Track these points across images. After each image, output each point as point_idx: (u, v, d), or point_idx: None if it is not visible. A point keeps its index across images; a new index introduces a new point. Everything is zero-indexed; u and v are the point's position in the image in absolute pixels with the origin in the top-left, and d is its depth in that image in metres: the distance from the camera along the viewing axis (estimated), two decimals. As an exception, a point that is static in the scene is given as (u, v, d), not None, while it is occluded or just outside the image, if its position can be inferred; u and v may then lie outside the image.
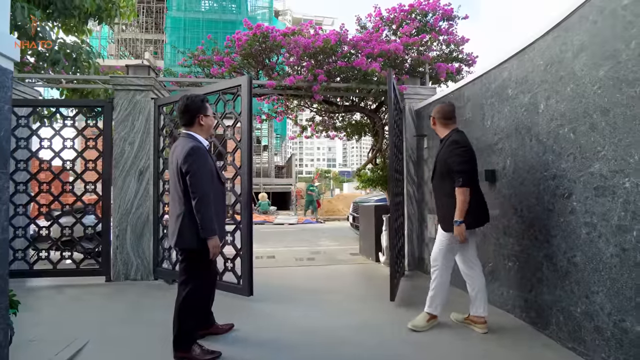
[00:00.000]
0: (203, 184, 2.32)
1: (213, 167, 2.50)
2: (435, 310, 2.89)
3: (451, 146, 2.72)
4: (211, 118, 2.58)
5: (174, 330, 2.36)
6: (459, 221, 2.65)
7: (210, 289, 2.71)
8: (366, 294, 3.90)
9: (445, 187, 2.77)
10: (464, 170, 2.64)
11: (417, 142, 4.90)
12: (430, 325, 2.89)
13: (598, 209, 2.28)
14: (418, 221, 4.84)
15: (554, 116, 2.64)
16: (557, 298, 2.60)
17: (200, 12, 20.52)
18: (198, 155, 2.36)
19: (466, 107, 3.78)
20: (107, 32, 19.18)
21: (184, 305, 2.37)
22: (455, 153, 2.68)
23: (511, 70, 3.10)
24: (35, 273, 4.34)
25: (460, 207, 2.63)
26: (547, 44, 2.70)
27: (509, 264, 3.12)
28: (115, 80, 4.40)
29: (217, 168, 2.59)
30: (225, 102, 3.91)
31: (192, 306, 2.40)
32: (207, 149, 2.57)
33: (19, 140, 4.32)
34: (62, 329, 2.86)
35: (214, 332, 2.74)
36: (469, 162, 2.71)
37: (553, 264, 2.65)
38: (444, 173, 2.77)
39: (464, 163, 2.67)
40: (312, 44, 4.76)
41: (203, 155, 2.40)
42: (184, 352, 2.34)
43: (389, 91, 3.61)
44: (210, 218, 2.32)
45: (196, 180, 2.31)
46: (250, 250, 3.58)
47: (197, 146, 2.40)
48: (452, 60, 5.55)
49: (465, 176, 2.63)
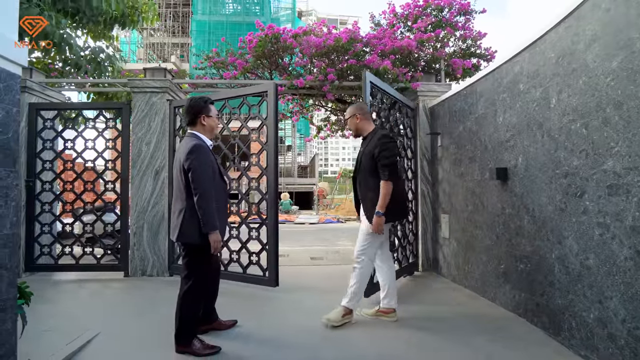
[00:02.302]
0: (204, 181, 2.38)
1: (215, 165, 2.55)
2: (355, 305, 2.90)
3: (383, 139, 2.78)
4: (213, 119, 2.63)
5: (175, 325, 2.42)
6: (380, 212, 2.70)
7: (212, 284, 2.75)
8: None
9: (370, 181, 2.80)
10: (391, 164, 2.73)
11: (431, 141, 4.79)
12: (345, 320, 2.86)
13: (611, 208, 2.14)
14: (432, 221, 4.73)
15: (566, 111, 2.50)
16: (569, 303, 2.47)
17: (225, 15, 20.96)
18: (199, 153, 2.42)
19: (478, 104, 3.66)
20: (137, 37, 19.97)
21: (184, 300, 2.43)
22: (387, 147, 2.74)
23: (523, 64, 2.97)
24: (59, 267, 4.58)
25: (382, 199, 2.69)
26: (558, 35, 2.57)
27: (521, 266, 3.00)
28: (133, 83, 4.57)
29: (220, 166, 2.65)
30: (250, 106, 4.12)
31: (193, 300, 2.45)
32: (211, 148, 2.63)
33: (45, 141, 4.57)
34: (77, 321, 3.00)
35: (216, 327, 2.78)
36: (396, 156, 2.83)
37: (565, 267, 2.51)
38: (370, 168, 2.79)
39: (392, 157, 2.76)
40: (323, 43, 4.75)
41: (205, 153, 2.46)
42: (184, 347, 2.39)
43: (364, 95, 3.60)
44: (211, 213, 2.37)
45: (197, 177, 2.37)
46: (276, 244, 3.85)
47: (199, 144, 2.46)
48: (470, 55, 5.40)
49: (392, 169, 2.73)
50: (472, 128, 3.79)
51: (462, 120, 3.99)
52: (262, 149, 4.11)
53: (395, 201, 2.80)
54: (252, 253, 4.08)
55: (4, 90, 1.90)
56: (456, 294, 3.76)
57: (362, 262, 2.88)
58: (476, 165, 3.70)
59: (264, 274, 3.96)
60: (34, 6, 5.77)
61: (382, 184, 2.71)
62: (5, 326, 1.88)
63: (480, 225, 3.61)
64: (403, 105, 4.57)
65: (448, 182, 4.35)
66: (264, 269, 3.96)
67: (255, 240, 4.06)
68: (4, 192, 1.88)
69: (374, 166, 2.77)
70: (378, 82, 3.91)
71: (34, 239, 4.52)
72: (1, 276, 1.85)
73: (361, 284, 2.90)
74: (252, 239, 4.08)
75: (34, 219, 4.52)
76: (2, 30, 1.86)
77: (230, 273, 4.17)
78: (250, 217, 4.25)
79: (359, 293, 2.91)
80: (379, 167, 2.72)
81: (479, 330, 2.80)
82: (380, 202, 2.70)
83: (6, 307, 1.88)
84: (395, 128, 4.40)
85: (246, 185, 4.47)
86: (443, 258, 4.46)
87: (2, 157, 1.89)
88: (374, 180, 2.77)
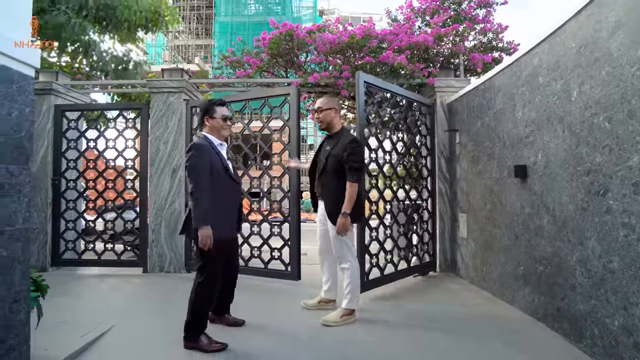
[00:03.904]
0: (197, 177, 2.41)
1: (219, 164, 2.56)
2: (356, 305, 2.91)
3: (353, 144, 2.83)
4: (217, 120, 2.64)
5: (187, 317, 2.46)
6: (347, 213, 2.75)
7: (226, 283, 2.74)
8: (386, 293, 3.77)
9: (335, 183, 2.85)
10: (360, 168, 2.82)
11: (449, 138, 4.65)
12: (346, 321, 2.85)
13: (637, 207, 1.99)
14: (450, 220, 4.59)
15: (588, 104, 2.35)
16: (592, 308, 2.32)
17: (247, 15, 21.19)
18: (196, 151, 2.46)
19: (497, 99, 3.51)
20: (162, 40, 20.56)
21: (196, 292, 2.46)
22: (356, 152, 2.81)
23: (542, 56, 2.82)
24: (83, 262, 4.76)
25: (349, 200, 2.75)
26: (579, 23, 2.42)
27: (540, 268, 2.85)
28: (151, 83, 4.68)
29: (227, 165, 2.64)
30: (272, 108, 4.30)
31: (203, 294, 2.46)
32: (220, 147, 2.64)
33: (70, 141, 4.75)
34: (94, 314, 3.09)
35: (224, 322, 2.82)
36: (364, 161, 2.96)
37: (587, 270, 2.36)
38: (336, 169, 2.83)
39: (361, 161, 2.87)
40: (338, 40, 4.70)
41: (203, 151, 2.49)
42: (192, 342, 2.41)
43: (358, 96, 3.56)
44: (203, 209, 2.38)
45: (191, 173, 2.42)
46: (298, 240, 4.01)
47: (199, 143, 2.51)
48: (491, 49, 5.20)
49: (360, 173, 2.83)
50: (490, 124, 3.64)
51: (480, 116, 3.84)
52: (284, 149, 4.26)
53: (359, 204, 2.90)
54: (274, 249, 4.23)
55: (17, 92, 1.97)
56: (473, 295, 3.63)
57: (348, 264, 2.90)
58: (494, 162, 3.56)
59: (285, 268, 4.10)
60: (62, 13, 6.04)
61: (349, 185, 2.77)
62: (19, 317, 1.96)
63: (499, 225, 3.47)
64: (415, 102, 4.48)
65: (466, 180, 4.21)
66: (286, 264, 4.10)
67: (277, 236, 4.23)
68: (17, 189, 1.95)
69: (340, 168, 2.82)
70: (376, 81, 3.92)
71: (60, 235, 4.71)
72: (14, 269, 1.92)
73: (355, 282, 2.92)
74: (274, 235, 4.25)
75: (59, 216, 4.71)
76: (14, 33, 1.93)
77: (252, 268, 4.32)
78: (272, 215, 4.46)
79: (356, 291, 2.93)
80: (348, 170, 2.78)
81: (494, 333, 2.68)
82: (346, 203, 2.76)
83: (19, 298, 1.95)
84: (403, 126, 4.31)
85: (268, 183, 4.58)
86: (461, 259, 4.32)
87: (16, 155, 1.96)
88: (339, 182, 2.82)
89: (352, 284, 2.89)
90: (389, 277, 3.90)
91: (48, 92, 4.74)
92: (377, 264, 3.79)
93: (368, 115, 3.96)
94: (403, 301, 3.48)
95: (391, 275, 3.93)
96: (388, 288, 3.82)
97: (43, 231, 4.65)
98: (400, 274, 4.08)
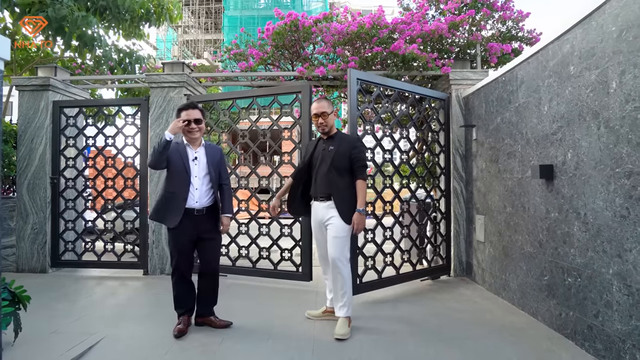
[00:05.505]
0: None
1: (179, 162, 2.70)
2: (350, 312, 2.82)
3: (357, 142, 2.94)
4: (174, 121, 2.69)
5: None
6: (363, 209, 2.75)
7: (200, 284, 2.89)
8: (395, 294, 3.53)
9: (344, 181, 2.83)
10: (367, 165, 2.93)
11: (465, 134, 4.35)
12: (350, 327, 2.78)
13: (692, 218, 1.70)
14: (466, 222, 4.31)
15: (630, 96, 2.05)
16: (632, 329, 2.04)
17: (256, 9, 20.95)
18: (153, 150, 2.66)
19: (519, 91, 3.20)
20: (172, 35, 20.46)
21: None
22: (362, 150, 2.90)
23: (574, 43, 2.51)
24: (83, 264, 4.62)
25: (363, 197, 2.78)
26: (621, 3, 2.11)
27: (569, 280, 2.56)
28: (150, 78, 4.48)
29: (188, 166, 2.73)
30: (281, 105, 4.12)
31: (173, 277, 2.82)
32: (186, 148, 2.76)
33: (68, 138, 4.60)
34: (88, 322, 2.93)
35: (208, 323, 2.85)
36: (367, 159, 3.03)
37: (627, 286, 2.08)
38: (344, 167, 2.83)
39: (367, 159, 3.02)
40: (346, 30, 4.42)
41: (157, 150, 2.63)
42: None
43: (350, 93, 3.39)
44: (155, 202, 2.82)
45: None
46: (310, 240, 3.88)
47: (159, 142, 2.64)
48: (510, 39, 4.84)
49: (366, 170, 2.89)
50: (511, 119, 3.34)
51: (500, 110, 3.54)
52: (296, 148, 4.14)
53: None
54: (284, 249, 4.11)
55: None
56: (488, 303, 3.36)
57: (343, 264, 2.79)
58: (516, 161, 3.26)
59: (297, 269, 4.01)
60: (65, 7, 5.88)
61: (360, 183, 2.80)
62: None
63: (520, 230, 3.18)
64: (422, 96, 4.22)
65: (483, 179, 3.91)
66: (297, 265, 4.01)
67: (287, 237, 4.11)
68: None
69: (349, 166, 2.83)
70: (371, 77, 3.74)
71: (59, 235, 4.58)
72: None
73: (349, 287, 2.84)
74: (284, 235, 4.13)
75: (58, 216, 4.58)
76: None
77: (260, 270, 4.18)
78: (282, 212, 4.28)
79: (351, 296, 2.85)
80: (358, 167, 2.81)
81: (523, 350, 2.41)
82: (361, 200, 2.77)
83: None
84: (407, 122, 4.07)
85: (277, 182, 4.42)
86: (477, 263, 4.04)
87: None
88: (348, 180, 2.82)
89: (349, 292, 2.83)
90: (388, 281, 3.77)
91: (46, 88, 4.59)
92: (373, 267, 3.69)
93: (362, 113, 3.75)
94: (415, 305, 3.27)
95: (391, 279, 3.80)
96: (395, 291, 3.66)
97: (42, 231, 4.53)
98: (406, 277, 3.93)
